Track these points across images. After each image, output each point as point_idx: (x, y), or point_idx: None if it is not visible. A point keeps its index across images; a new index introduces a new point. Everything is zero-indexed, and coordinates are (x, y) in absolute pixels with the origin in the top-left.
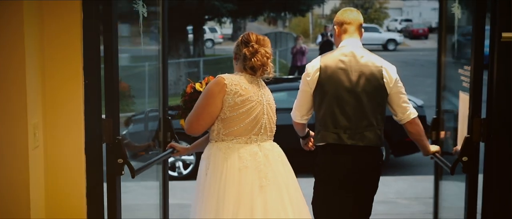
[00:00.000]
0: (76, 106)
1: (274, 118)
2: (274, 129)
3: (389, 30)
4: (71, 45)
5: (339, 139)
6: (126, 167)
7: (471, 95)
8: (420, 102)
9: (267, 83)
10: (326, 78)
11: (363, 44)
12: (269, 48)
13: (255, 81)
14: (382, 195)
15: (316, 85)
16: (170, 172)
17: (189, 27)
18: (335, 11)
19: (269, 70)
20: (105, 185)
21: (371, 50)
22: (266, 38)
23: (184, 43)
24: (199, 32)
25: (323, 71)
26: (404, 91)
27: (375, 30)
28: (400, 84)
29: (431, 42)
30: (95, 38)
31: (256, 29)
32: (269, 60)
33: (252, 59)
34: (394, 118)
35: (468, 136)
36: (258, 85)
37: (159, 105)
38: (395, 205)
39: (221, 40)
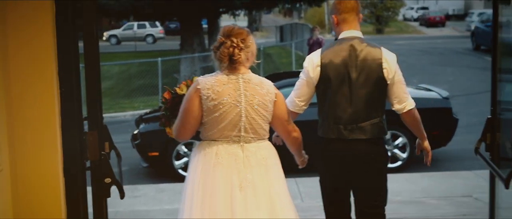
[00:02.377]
0: (50, 119)
1: (260, 118)
2: (262, 129)
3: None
4: (42, 44)
5: (340, 133)
6: None
7: None
8: (445, 93)
9: (283, 77)
10: (327, 74)
11: None
12: (238, 38)
13: (233, 81)
14: (409, 194)
15: (318, 81)
16: (185, 173)
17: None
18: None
19: (239, 59)
20: None
21: None
22: (236, 28)
23: (198, 37)
24: (214, 26)
25: (323, 67)
26: (403, 82)
27: None
28: (400, 74)
29: (448, 30)
30: (72, 35)
31: (272, 21)
32: (237, 49)
33: (217, 52)
34: (392, 107)
35: None
36: (237, 85)
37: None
38: (424, 206)
39: (162, 35)
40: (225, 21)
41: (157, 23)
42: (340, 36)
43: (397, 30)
